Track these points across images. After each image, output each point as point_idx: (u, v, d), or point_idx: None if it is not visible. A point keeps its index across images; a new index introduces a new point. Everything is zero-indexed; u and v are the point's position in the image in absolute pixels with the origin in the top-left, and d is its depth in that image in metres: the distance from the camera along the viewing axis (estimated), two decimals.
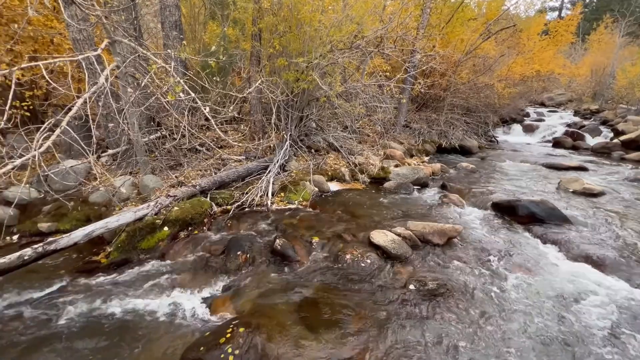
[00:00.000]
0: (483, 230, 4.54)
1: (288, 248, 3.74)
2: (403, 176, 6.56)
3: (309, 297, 3.11)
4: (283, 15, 6.46)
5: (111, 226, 3.73)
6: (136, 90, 4.00)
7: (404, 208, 5.27)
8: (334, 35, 5.89)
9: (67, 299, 3.10)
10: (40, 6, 5.32)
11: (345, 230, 4.31)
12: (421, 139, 9.67)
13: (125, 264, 3.63)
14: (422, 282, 3.27)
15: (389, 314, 2.90)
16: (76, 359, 2.47)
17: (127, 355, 2.50)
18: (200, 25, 9.99)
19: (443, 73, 9.47)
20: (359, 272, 3.48)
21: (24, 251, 3.09)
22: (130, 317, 2.90)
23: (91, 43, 4.96)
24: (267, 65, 6.88)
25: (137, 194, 4.84)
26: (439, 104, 10.89)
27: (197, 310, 2.98)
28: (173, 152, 5.76)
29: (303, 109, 6.83)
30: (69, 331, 2.73)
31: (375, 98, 7.42)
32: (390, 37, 6.89)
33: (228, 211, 4.74)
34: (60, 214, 4.50)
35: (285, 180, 5.62)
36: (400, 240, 3.91)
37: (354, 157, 7.15)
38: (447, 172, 7.66)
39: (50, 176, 4.52)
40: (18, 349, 2.54)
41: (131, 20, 5.28)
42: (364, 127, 9.04)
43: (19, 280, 3.28)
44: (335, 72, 6.64)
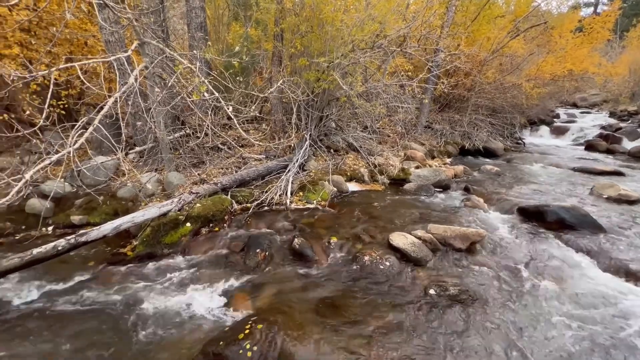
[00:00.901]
0: (508, 236, 4.36)
1: (306, 247, 3.75)
2: (424, 178, 6.42)
3: (326, 297, 3.11)
4: (305, 15, 6.49)
5: (137, 221, 3.88)
6: (163, 90, 4.14)
7: (425, 210, 5.15)
8: (356, 35, 5.85)
9: (95, 289, 3.26)
10: (76, 10, 5.62)
11: (363, 231, 4.27)
12: (443, 140, 9.43)
13: (150, 257, 3.76)
14: (442, 287, 3.19)
15: (407, 318, 2.85)
16: (101, 346, 2.58)
17: (149, 346, 2.59)
18: (224, 26, 10.22)
19: (468, 72, 9.19)
20: (377, 274, 3.44)
21: (58, 242, 3.27)
22: (153, 309, 2.99)
23: (122, 45, 5.17)
24: (289, 65, 6.94)
25: (161, 190, 5.00)
26: (462, 105, 10.58)
27: (217, 305, 3.04)
28: (196, 150, 5.91)
29: (323, 108, 6.83)
30: (95, 320, 2.85)
31: (397, 98, 7.31)
32: (414, 36, 6.76)
33: (248, 209, 4.81)
34: (90, 208, 4.72)
35: (304, 180, 5.64)
36: (421, 243, 3.83)
37: (373, 157, 7.08)
38: (470, 175, 7.43)
39: (83, 171, 4.76)
40: (48, 333, 2.69)
41: (159, 23, 5.47)
42: (384, 127, 8.93)
43: (54, 270, 3.47)
44: (356, 72, 6.60)
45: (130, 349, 2.55)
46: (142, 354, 2.50)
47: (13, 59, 5.22)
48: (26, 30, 5.53)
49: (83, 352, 2.51)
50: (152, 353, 2.52)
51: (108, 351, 2.53)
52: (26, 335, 2.65)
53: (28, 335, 2.65)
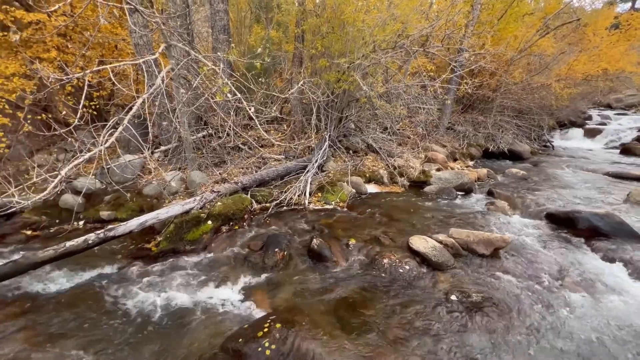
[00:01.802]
0: (535, 243, 4.18)
1: (324, 248, 3.74)
2: (445, 181, 6.27)
3: (344, 299, 3.09)
4: (326, 16, 6.50)
5: (161, 217, 4.01)
6: (188, 91, 4.26)
7: (446, 214, 5.03)
8: (377, 35, 5.80)
9: (120, 282, 3.38)
10: (108, 15, 5.89)
11: (382, 233, 4.21)
12: (466, 142, 9.17)
13: (173, 253, 3.88)
14: (465, 293, 3.09)
15: (427, 323, 2.78)
16: (123, 338, 2.67)
17: (171, 340, 2.66)
18: (246, 28, 10.41)
19: (493, 72, 8.90)
20: (396, 277, 3.38)
21: (88, 236, 3.43)
22: (175, 304, 3.08)
23: (150, 47, 5.37)
24: (309, 66, 6.97)
25: (184, 188, 5.15)
26: (487, 106, 10.25)
27: (236, 303, 3.09)
28: (218, 150, 6.05)
29: (343, 109, 6.82)
30: (120, 312, 2.96)
31: (418, 99, 7.18)
32: (437, 35, 6.62)
33: (267, 209, 4.87)
34: (118, 204, 4.93)
35: (323, 181, 5.64)
36: (442, 247, 3.74)
37: (393, 159, 6.98)
38: (494, 178, 7.18)
39: (112, 169, 4.98)
40: (76, 322, 2.82)
41: (185, 26, 5.64)
42: (405, 128, 8.79)
43: (84, 262, 3.64)
44: (377, 73, 6.54)
45: (153, 341, 2.63)
46: (164, 347, 2.58)
47: (51, 62, 5.53)
48: (62, 35, 5.86)
49: (107, 342, 2.61)
50: (174, 346, 2.58)
51: (132, 342, 2.62)
52: (55, 323, 2.79)
53: (57, 323, 2.79)
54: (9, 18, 5.07)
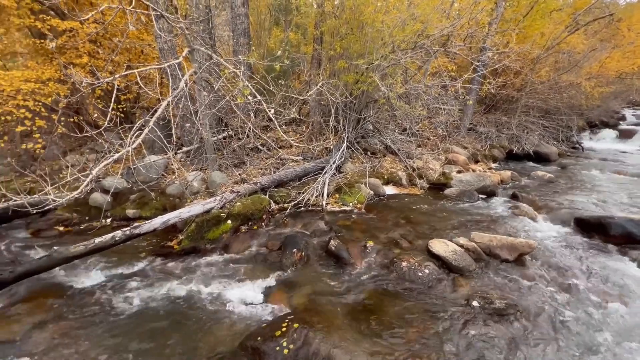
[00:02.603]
0: (563, 249, 3.99)
1: (342, 250, 3.73)
2: (466, 183, 6.10)
3: (362, 301, 3.07)
4: (345, 17, 6.50)
5: (183, 216, 4.13)
6: (210, 94, 4.37)
7: (467, 217, 4.89)
8: (397, 36, 5.74)
9: (144, 278, 3.51)
10: (135, 21, 6.14)
11: (401, 236, 4.15)
12: (488, 143, 8.90)
13: (194, 251, 3.98)
14: (487, 299, 2.99)
15: (447, 329, 2.71)
16: (145, 332, 2.76)
17: (193, 335, 2.73)
18: (265, 31, 10.57)
19: (518, 71, 8.59)
20: (415, 281, 3.32)
21: (115, 233, 3.58)
22: (196, 300, 3.16)
23: (174, 52, 5.55)
24: (328, 67, 6.99)
25: (205, 188, 5.28)
26: (510, 106, 9.91)
27: (255, 301, 3.13)
28: (237, 151, 6.16)
29: (361, 110, 6.78)
30: (143, 306, 3.07)
31: (438, 99, 7.04)
32: (458, 34, 6.47)
33: (285, 209, 4.91)
34: (143, 203, 5.12)
35: (341, 182, 5.63)
36: (463, 252, 3.64)
37: (412, 161, 6.87)
38: (519, 181, 6.92)
39: (138, 169, 5.18)
40: (101, 314, 2.94)
41: (208, 30, 5.79)
42: (424, 129, 8.64)
43: (111, 258, 3.80)
44: (396, 73, 6.47)
45: (175, 336, 2.71)
46: (186, 342, 2.65)
47: (83, 67, 5.83)
48: (93, 42, 6.16)
49: (131, 335, 2.71)
50: (195, 341, 2.65)
51: (154, 336, 2.71)
52: (84, 315, 2.93)
53: (85, 315, 2.93)
54: (45, 26, 5.39)
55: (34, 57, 6.37)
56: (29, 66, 5.86)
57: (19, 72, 5.34)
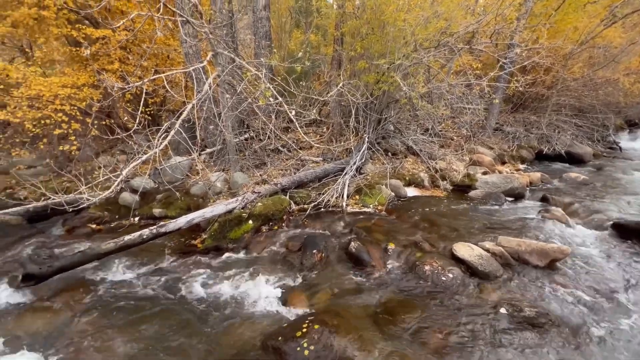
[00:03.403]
0: (600, 256, 3.75)
1: (363, 252, 3.69)
2: (492, 185, 5.88)
3: (383, 304, 3.02)
4: (366, 17, 6.45)
5: (207, 216, 4.24)
6: (233, 96, 4.46)
7: (493, 221, 4.71)
8: (419, 34, 5.62)
9: (170, 275, 3.62)
10: (163, 28, 6.37)
11: (423, 239, 4.05)
12: (516, 143, 8.52)
13: (216, 250, 4.07)
14: (516, 307, 2.86)
15: (473, 336, 2.61)
16: (170, 327, 2.84)
17: (215, 332, 2.79)
18: (286, 33, 10.68)
19: (548, 68, 8.18)
20: (439, 285, 3.23)
21: (143, 231, 3.72)
22: (218, 298, 3.22)
23: (198, 56, 5.72)
24: (348, 68, 6.96)
25: (227, 188, 5.39)
26: (540, 104, 9.46)
27: (275, 301, 3.15)
28: (259, 152, 6.25)
29: (382, 111, 6.70)
30: (168, 302, 3.17)
31: (462, 98, 6.82)
32: (484, 31, 6.25)
33: (305, 210, 4.93)
34: (168, 202, 5.29)
35: (361, 183, 5.57)
36: (489, 256, 3.50)
37: (434, 161, 6.70)
38: (550, 183, 6.58)
39: (164, 169, 5.36)
40: (129, 310, 3.06)
41: (231, 34, 5.92)
42: (447, 129, 8.40)
43: (139, 255, 3.95)
44: (419, 72, 6.34)
45: (199, 333, 2.78)
46: (209, 339, 2.71)
47: (114, 73, 6.12)
48: (123, 48, 6.46)
49: (156, 329, 2.80)
50: (218, 339, 2.70)
51: (179, 331, 2.79)
52: (113, 309, 3.06)
53: (114, 309, 3.06)
54: (81, 35, 5.71)
55: (69, 64, 6.76)
56: (66, 73, 6.23)
57: (57, 79, 5.68)
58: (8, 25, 5.57)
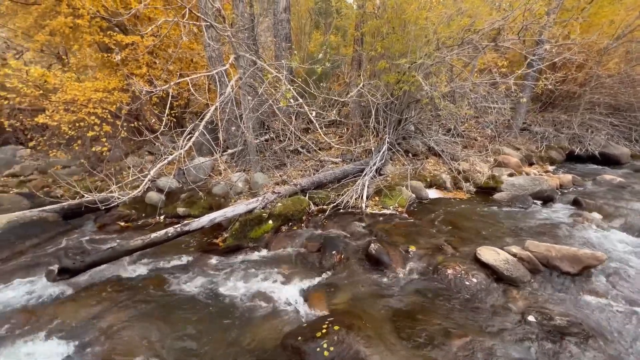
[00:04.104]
0: (638, 263, 3.51)
1: (383, 254, 3.64)
2: (519, 187, 5.64)
3: (403, 307, 2.96)
4: (387, 17, 6.39)
5: (228, 215, 4.33)
6: (254, 98, 4.53)
7: (520, 224, 4.52)
8: (442, 32, 5.50)
9: (192, 272, 3.72)
10: (187, 32, 6.58)
11: (446, 242, 3.95)
12: (544, 144, 8.14)
13: (237, 249, 4.15)
14: (545, 314, 2.73)
15: (498, 343, 2.51)
16: (192, 323, 2.91)
17: (236, 330, 2.83)
18: (306, 35, 10.75)
19: (581, 64, 7.76)
20: (462, 290, 3.13)
21: (168, 229, 3.86)
22: (239, 296, 3.27)
23: (221, 59, 5.87)
24: (368, 68, 6.91)
25: (248, 189, 5.49)
26: (571, 102, 8.99)
27: (294, 301, 3.17)
28: (278, 152, 6.32)
29: (402, 111, 6.60)
30: (192, 299, 3.25)
31: (487, 97, 6.60)
32: (510, 27, 6.02)
33: (324, 211, 4.93)
34: (191, 202, 5.45)
35: (381, 184, 5.51)
36: (516, 261, 3.36)
37: (457, 163, 6.52)
38: (582, 186, 6.23)
39: (188, 170, 5.53)
40: (155, 304, 3.16)
41: (252, 37, 6.03)
42: (471, 130, 8.16)
43: (164, 252, 4.09)
44: (441, 72, 6.20)
45: (219, 329, 2.84)
46: (229, 336, 2.76)
47: (141, 77, 6.39)
48: (150, 53, 6.73)
49: (180, 324, 2.89)
50: (238, 336, 2.75)
51: (200, 327, 2.86)
52: (141, 303, 3.18)
53: (142, 303, 3.18)
54: (112, 41, 6.00)
55: (101, 70, 7.12)
56: (98, 77, 6.57)
57: (90, 83, 6.01)
58: (47, 34, 5.95)
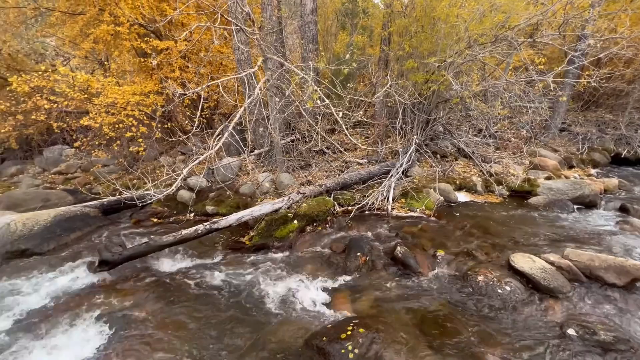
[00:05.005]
0: None
1: (409, 257, 3.56)
2: (558, 191, 5.31)
3: (431, 313, 2.88)
4: (415, 15, 6.26)
5: (255, 214, 4.41)
6: (281, 99, 4.60)
7: (558, 231, 4.25)
8: (474, 30, 5.29)
9: (220, 269, 3.82)
10: (219, 37, 6.81)
11: (477, 247, 3.80)
12: (587, 146, 7.61)
13: (263, 248, 4.22)
14: (587, 328, 2.54)
15: (534, 357, 2.37)
16: (221, 318, 2.99)
17: (259, 327, 2.88)
18: (332, 36, 10.77)
19: (630, 60, 7.18)
20: (493, 298, 2.99)
21: (198, 227, 3.99)
22: (263, 294, 3.32)
23: (249, 62, 6.01)
24: (395, 68, 6.80)
25: (274, 189, 5.57)
26: (618, 101, 8.34)
27: (318, 301, 3.17)
28: (304, 153, 6.37)
29: (430, 111, 6.43)
30: (219, 294, 3.34)
31: (522, 96, 6.27)
32: (549, 22, 5.68)
33: (349, 212, 4.90)
34: (220, 200, 5.62)
35: (407, 186, 5.39)
36: (554, 270, 3.16)
37: (488, 165, 6.25)
38: (630, 191, 5.76)
39: (218, 169, 5.71)
40: (184, 299, 3.28)
41: (280, 40, 6.13)
42: (504, 130, 7.78)
43: (193, 248, 4.24)
44: (472, 70, 5.97)
45: (246, 326, 2.90)
46: (255, 333, 2.81)
47: (175, 80, 6.68)
48: (183, 57, 7.02)
49: (205, 321, 2.97)
50: (264, 334, 2.79)
51: (227, 323, 2.93)
52: (170, 297, 3.31)
53: (171, 297, 3.31)
54: (149, 47, 6.33)
55: (138, 74, 7.54)
56: (135, 81, 6.96)
57: (129, 87, 6.37)
58: (91, 42, 6.38)
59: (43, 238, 4.28)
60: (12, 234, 4.14)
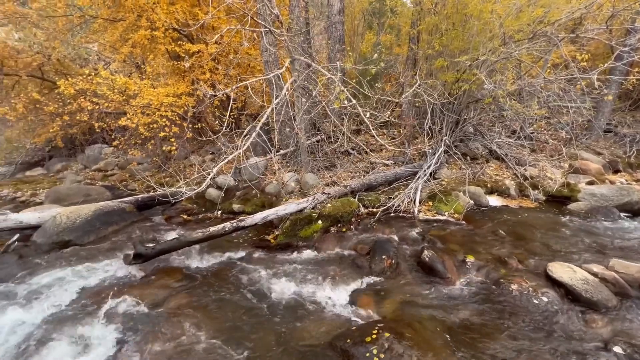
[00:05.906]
0: None
1: (437, 262, 3.45)
2: (601, 197, 4.93)
3: (460, 321, 2.77)
4: (446, 12, 6.07)
5: (280, 214, 4.46)
6: (308, 100, 4.62)
7: (602, 240, 3.95)
8: (509, 26, 5.05)
9: (246, 267, 3.89)
10: (248, 39, 6.97)
11: (510, 254, 3.61)
12: (635, 148, 7.02)
13: (288, 247, 4.25)
14: (637, 347, 2.33)
15: None
16: (246, 316, 3.03)
17: (284, 326, 2.89)
18: (358, 36, 10.70)
19: None
20: (529, 309, 2.83)
21: (225, 224, 4.10)
22: (288, 293, 3.34)
23: (277, 63, 6.09)
24: (424, 67, 6.63)
25: (299, 189, 5.61)
26: None
27: (343, 303, 3.15)
28: (329, 154, 6.37)
29: (461, 112, 6.21)
30: (244, 292, 3.38)
31: (561, 95, 5.88)
32: (594, 16, 5.30)
33: (374, 214, 4.83)
34: (246, 199, 5.74)
35: (435, 189, 5.24)
36: (597, 282, 2.94)
37: (523, 168, 5.93)
38: None
39: (245, 168, 5.84)
40: (211, 295, 3.37)
41: (307, 41, 6.17)
42: (541, 131, 7.36)
43: (220, 245, 4.35)
44: (507, 68, 5.69)
45: (270, 325, 2.92)
46: (279, 333, 2.83)
47: (205, 82, 6.92)
48: (213, 60, 7.25)
49: (228, 316, 3.02)
50: (288, 333, 2.81)
51: (252, 321, 2.97)
52: (197, 292, 3.42)
53: (198, 293, 3.41)
54: (181, 50, 6.59)
55: (171, 76, 7.88)
56: (169, 83, 7.27)
57: (163, 89, 6.67)
58: (129, 46, 6.75)
59: (84, 231, 4.57)
60: (58, 226, 4.46)
